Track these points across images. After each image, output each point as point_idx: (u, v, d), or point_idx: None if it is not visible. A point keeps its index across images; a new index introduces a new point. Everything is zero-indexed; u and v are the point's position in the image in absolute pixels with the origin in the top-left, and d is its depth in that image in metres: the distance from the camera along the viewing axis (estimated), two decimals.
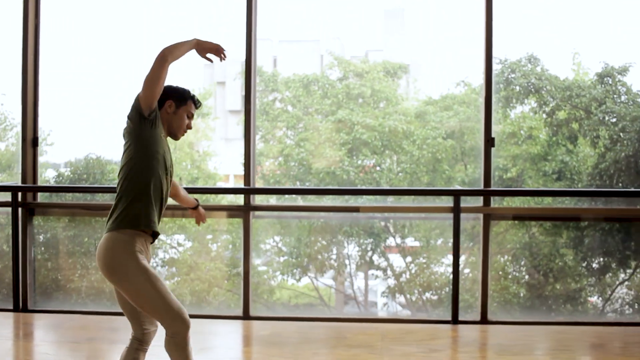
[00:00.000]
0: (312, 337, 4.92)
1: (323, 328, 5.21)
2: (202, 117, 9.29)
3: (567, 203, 6.49)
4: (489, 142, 5.21)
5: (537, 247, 6.52)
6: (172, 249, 7.25)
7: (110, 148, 6.82)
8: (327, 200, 6.38)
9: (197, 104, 3.44)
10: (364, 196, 6.38)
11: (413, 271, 7.34)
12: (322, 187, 6.87)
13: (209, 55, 3.29)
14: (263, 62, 10.27)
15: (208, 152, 9.04)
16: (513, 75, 7.70)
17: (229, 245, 7.01)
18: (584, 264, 6.63)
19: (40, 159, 5.93)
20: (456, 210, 5.09)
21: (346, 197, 6.41)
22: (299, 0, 8.28)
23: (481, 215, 5.26)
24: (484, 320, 5.17)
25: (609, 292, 6.61)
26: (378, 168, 7.62)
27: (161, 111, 3.28)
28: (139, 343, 3.25)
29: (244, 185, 5.46)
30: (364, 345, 4.59)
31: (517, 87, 7.62)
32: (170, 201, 3.45)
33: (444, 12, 7.79)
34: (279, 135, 8.54)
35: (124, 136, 3.23)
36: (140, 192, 3.14)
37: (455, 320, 5.09)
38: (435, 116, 8.10)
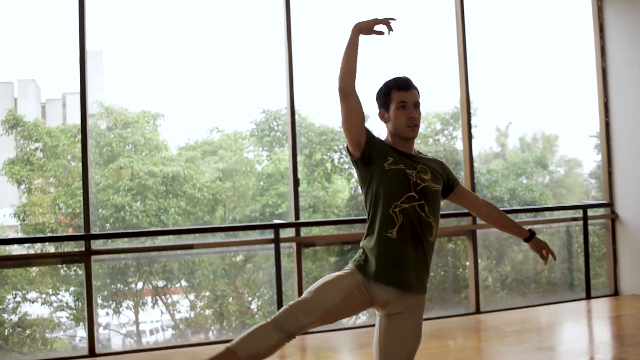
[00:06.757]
0: None
1: None
2: None
3: (332, 231, 7.64)
4: (296, 182, 6.13)
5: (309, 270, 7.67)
6: None
7: None
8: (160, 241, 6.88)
9: (401, 85, 2.97)
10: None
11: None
12: (153, 229, 7.36)
13: (378, 28, 2.91)
14: None
15: None
16: (275, 123, 8.86)
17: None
18: None
19: None
20: (276, 241, 5.94)
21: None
22: None
23: (294, 244, 6.15)
24: None
25: None
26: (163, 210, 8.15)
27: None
28: None
29: (85, 232, 5.67)
30: None
31: (279, 134, 8.78)
32: None
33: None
34: (44, 185, 8.60)
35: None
36: None
37: None
38: (204, 160, 8.84)
